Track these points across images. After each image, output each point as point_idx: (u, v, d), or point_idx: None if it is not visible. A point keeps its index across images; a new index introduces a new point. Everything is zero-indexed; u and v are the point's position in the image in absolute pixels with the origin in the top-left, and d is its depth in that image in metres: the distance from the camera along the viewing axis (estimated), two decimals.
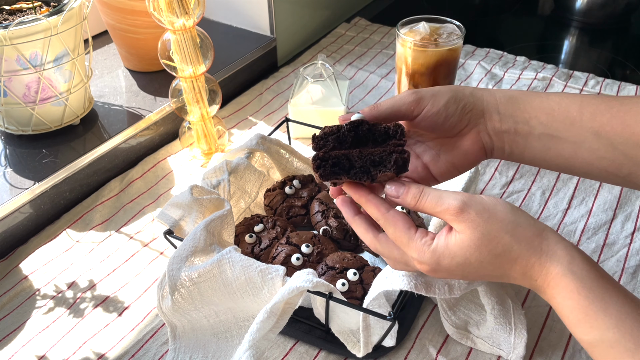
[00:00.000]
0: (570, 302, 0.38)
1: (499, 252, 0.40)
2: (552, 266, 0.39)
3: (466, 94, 0.47)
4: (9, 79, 0.72)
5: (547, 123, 0.45)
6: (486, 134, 0.47)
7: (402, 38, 0.74)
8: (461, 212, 0.40)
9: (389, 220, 0.43)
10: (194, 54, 0.73)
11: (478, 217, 0.40)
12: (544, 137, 0.45)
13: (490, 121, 0.47)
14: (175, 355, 0.55)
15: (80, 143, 0.78)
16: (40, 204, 0.73)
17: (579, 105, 0.44)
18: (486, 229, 0.40)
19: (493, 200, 0.41)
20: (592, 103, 0.44)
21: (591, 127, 0.43)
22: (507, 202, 0.42)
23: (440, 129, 0.47)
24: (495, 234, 0.40)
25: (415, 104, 0.46)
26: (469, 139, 0.48)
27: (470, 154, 0.48)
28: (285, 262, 0.60)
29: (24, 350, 0.59)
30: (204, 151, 0.83)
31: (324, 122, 0.84)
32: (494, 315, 0.54)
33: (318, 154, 0.43)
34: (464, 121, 0.47)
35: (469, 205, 0.40)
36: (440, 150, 0.49)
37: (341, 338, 0.55)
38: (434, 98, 0.47)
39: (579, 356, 0.56)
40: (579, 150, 0.44)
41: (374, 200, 0.44)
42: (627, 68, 1.10)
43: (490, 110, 0.47)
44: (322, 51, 1.11)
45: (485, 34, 1.24)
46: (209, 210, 0.60)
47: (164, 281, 0.53)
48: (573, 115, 0.44)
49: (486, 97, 0.47)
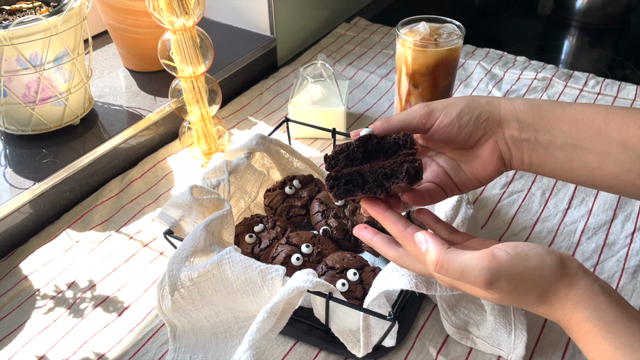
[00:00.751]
0: (595, 347, 0.38)
1: (526, 303, 0.40)
2: (577, 312, 0.39)
3: (481, 103, 0.46)
4: (9, 79, 0.72)
5: (570, 133, 0.43)
6: (504, 143, 0.46)
7: (402, 38, 0.74)
8: (491, 286, 0.38)
9: (406, 237, 0.42)
10: (194, 54, 0.73)
11: (508, 285, 0.39)
12: (566, 147, 0.44)
13: (508, 129, 0.45)
14: (175, 355, 0.55)
15: (80, 143, 0.78)
16: (40, 204, 0.73)
17: (604, 115, 0.43)
18: (516, 290, 0.39)
19: (521, 257, 0.39)
20: (618, 114, 0.42)
21: (617, 138, 0.42)
22: (536, 247, 0.40)
23: (455, 141, 0.46)
24: (524, 291, 0.39)
25: (426, 117, 0.46)
26: (486, 149, 0.46)
27: (488, 163, 0.47)
28: (285, 262, 0.60)
29: (24, 350, 0.59)
30: (204, 151, 0.83)
31: (324, 122, 0.84)
32: (494, 315, 0.54)
33: (330, 173, 0.44)
34: (479, 130, 0.46)
35: (498, 278, 0.38)
36: (460, 161, 0.48)
37: (341, 338, 0.55)
38: (446, 109, 0.46)
39: (579, 356, 0.56)
40: (604, 161, 0.42)
41: (391, 218, 0.43)
42: (627, 68, 1.10)
43: (508, 119, 0.45)
44: (322, 51, 1.11)
45: (485, 34, 1.24)
46: (209, 210, 0.60)
47: (164, 281, 0.53)
48: (598, 125, 0.42)
49: (504, 105, 0.46)
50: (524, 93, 0.96)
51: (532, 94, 0.96)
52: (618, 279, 0.64)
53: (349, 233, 0.66)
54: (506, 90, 0.97)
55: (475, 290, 0.40)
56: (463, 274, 0.39)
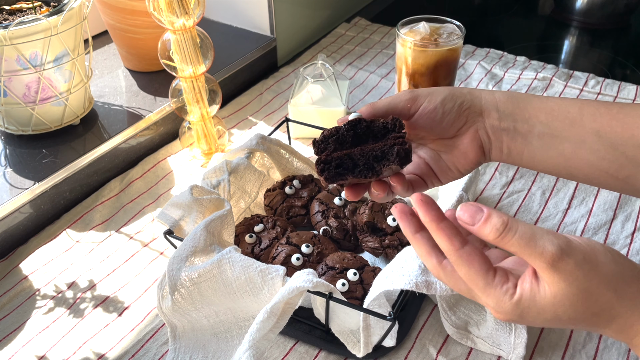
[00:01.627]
0: None
1: (596, 311, 0.35)
2: None
3: (463, 92, 0.47)
4: (9, 79, 0.72)
5: (547, 122, 0.44)
6: (484, 132, 0.47)
7: (402, 38, 0.74)
8: (559, 261, 0.34)
9: (463, 258, 0.37)
10: (194, 54, 0.73)
11: (577, 270, 0.34)
12: (544, 136, 0.45)
13: (488, 119, 0.46)
14: (175, 355, 0.55)
15: (80, 143, 0.78)
16: (40, 204, 0.73)
17: (578, 107, 0.44)
18: (585, 284, 0.34)
19: (592, 246, 0.35)
20: (592, 105, 0.44)
21: (592, 127, 0.43)
22: (607, 246, 0.36)
23: (438, 128, 0.47)
24: (595, 290, 0.34)
25: (411, 102, 0.46)
26: (467, 137, 0.47)
27: (469, 152, 0.47)
28: (285, 262, 0.60)
29: (24, 350, 0.59)
30: (204, 151, 0.83)
31: (324, 122, 0.84)
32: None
33: (320, 157, 0.43)
34: (461, 119, 0.47)
35: (568, 254, 0.34)
36: (440, 151, 0.49)
37: (341, 338, 0.55)
38: (431, 96, 0.46)
39: (579, 356, 0.56)
40: (579, 150, 0.44)
41: (447, 231, 0.37)
42: (627, 68, 1.10)
43: (489, 108, 0.46)
44: (322, 51, 1.11)
45: (485, 34, 1.24)
46: (209, 210, 0.60)
47: (164, 281, 0.53)
48: (573, 115, 0.44)
49: (485, 95, 0.47)
50: None
51: None
52: None
53: (349, 233, 0.66)
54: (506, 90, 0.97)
55: (535, 263, 0.35)
56: (529, 242, 0.34)
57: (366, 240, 0.64)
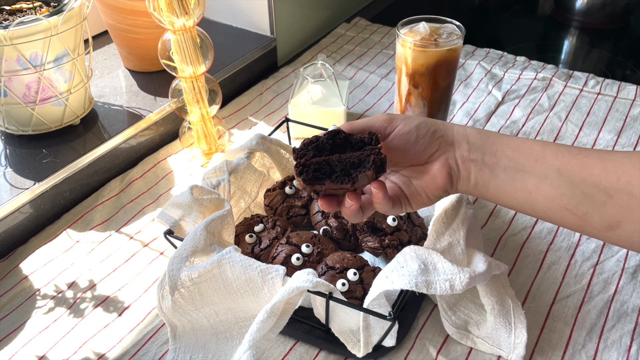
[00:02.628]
0: None
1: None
2: None
3: (437, 122, 0.51)
4: (9, 79, 0.72)
5: (513, 157, 0.48)
6: (454, 161, 0.49)
7: (402, 38, 0.74)
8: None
9: None
10: (194, 54, 0.73)
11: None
12: (509, 169, 0.48)
13: (459, 149, 0.49)
14: (175, 355, 0.55)
15: (81, 143, 0.79)
16: (40, 204, 0.73)
17: (542, 146, 0.47)
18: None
19: None
20: (554, 145, 0.47)
21: (553, 164, 0.46)
22: None
23: (412, 151, 0.49)
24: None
25: (388, 122, 0.50)
26: (437, 164, 0.50)
27: (438, 178, 0.50)
28: (285, 262, 0.60)
29: (24, 350, 0.59)
30: (204, 151, 0.83)
31: (324, 122, 0.84)
32: (494, 315, 0.54)
33: (300, 161, 0.46)
34: (433, 145, 0.49)
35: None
36: (411, 177, 0.51)
37: (341, 338, 0.55)
38: (407, 120, 0.50)
39: (579, 356, 0.56)
40: (542, 184, 0.46)
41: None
42: (627, 68, 1.10)
43: (460, 140, 0.49)
44: (322, 51, 1.11)
45: (485, 34, 1.24)
46: (209, 210, 0.60)
47: (164, 281, 0.54)
48: (537, 152, 0.47)
49: (457, 128, 0.50)
50: (524, 93, 0.97)
51: (532, 94, 0.96)
52: (618, 279, 0.64)
53: (349, 233, 0.66)
54: (506, 90, 0.97)
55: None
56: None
57: (366, 240, 0.64)
